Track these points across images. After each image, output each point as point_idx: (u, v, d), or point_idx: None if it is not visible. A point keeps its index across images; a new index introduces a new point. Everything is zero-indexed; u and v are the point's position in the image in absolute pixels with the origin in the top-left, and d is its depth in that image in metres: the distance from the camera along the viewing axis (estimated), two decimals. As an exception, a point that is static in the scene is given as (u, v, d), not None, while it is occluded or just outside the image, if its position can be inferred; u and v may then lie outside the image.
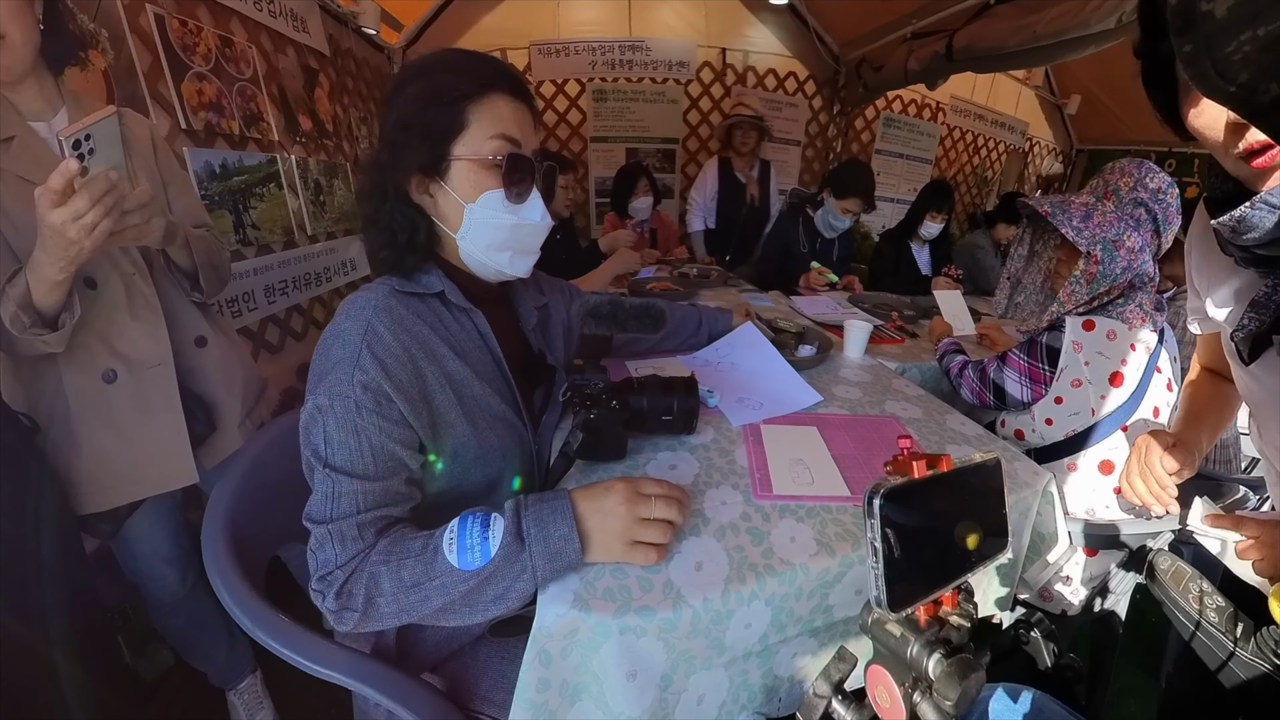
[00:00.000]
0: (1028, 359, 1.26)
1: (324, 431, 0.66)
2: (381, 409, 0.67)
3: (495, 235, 0.77)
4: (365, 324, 0.69)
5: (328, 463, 0.66)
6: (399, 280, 0.76)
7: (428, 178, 0.75)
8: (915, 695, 0.41)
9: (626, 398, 0.85)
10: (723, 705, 0.70)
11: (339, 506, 0.66)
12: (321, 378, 0.68)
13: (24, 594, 0.88)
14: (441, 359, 0.75)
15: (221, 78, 1.86)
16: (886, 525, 0.39)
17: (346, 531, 0.66)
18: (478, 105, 0.73)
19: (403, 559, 0.64)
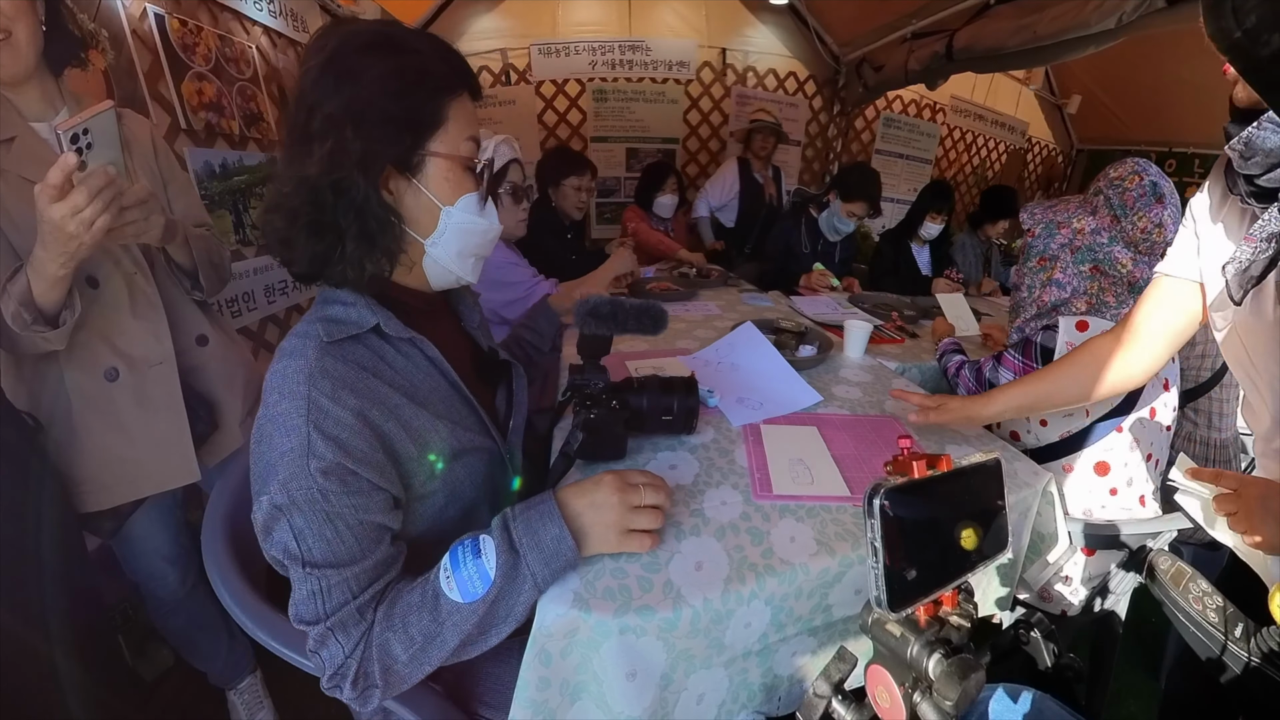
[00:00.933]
0: (1022, 359, 1.26)
1: (291, 530, 0.58)
2: (349, 486, 0.59)
3: (468, 241, 0.72)
4: (304, 401, 0.59)
5: (306, 561, 0.59)
6: (324, 327, 0.64)
7: (397, 172, 0.66)
8: (915, 695, 0.41)
9: (626, 397, 0.85)
10: (722, 704, 0.70)
11: (330, 600, 0.60)
12: (271, 472, 0.58)
13: (24, 593, 0.88)
14: (396, 409, 0.65)
15: (221, 78, 1.86)
16: (886, 525, 0.39)
17: (347, 621, 0.60)
18: (455, 101, 0.68)
19: (406, 617, 0.61)
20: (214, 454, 1.18)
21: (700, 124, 4.15)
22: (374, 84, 0.62)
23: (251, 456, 0.62)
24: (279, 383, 0.61)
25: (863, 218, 2.38)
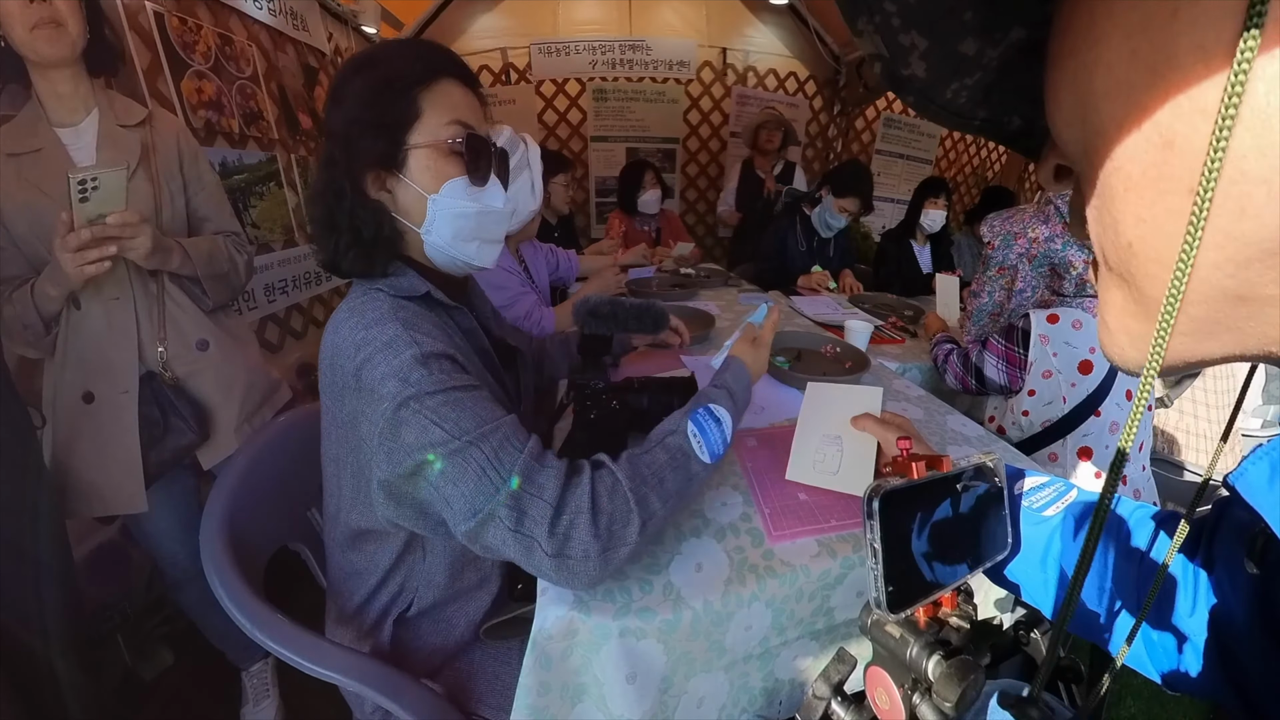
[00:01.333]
0: (1005, 343, 1.30)
1: (429, 415, 0.58)
2: (459, 370, 0.63)
3: (461, 225, 0.73)
4: (394, 320, 0.64)
5: (461, 434, 0.58)
6: (387, 286, 0.71)
7: (385, 172, 0.71)
8: (915, 697, 0.41)
9: (626, 397, 0.85)
10: (723, 708, 0.70)
11: (504, 459, 0.58)
12: (385, 380, 0.60)
13: (18, 591, 0.88)
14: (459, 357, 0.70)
15: (221, 76, 1.86)
16: (886, 527, 0.39)
17: (531, 468, 0.58)
18: (429, 92, 0.70)
19: (661, 474, 0.63)
20: (211, 457, 1.18)
21: (700, 124, 4.14)
22: (353, 100, 0.69)
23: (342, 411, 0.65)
24: (356, 320, 0.64)
25: (855, 214, 2.37)
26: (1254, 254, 0.16)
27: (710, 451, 0.67)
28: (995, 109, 0.26)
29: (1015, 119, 0.26)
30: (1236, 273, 0.17)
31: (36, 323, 1.01)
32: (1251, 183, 0.15)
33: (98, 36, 1.05)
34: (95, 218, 0.93)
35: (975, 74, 0.25)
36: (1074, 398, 1.21)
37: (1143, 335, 0.21)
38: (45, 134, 1.02)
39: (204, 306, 1.17)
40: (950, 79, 0.25)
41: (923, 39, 0.23)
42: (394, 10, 3.10)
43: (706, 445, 0.67)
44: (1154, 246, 0.19)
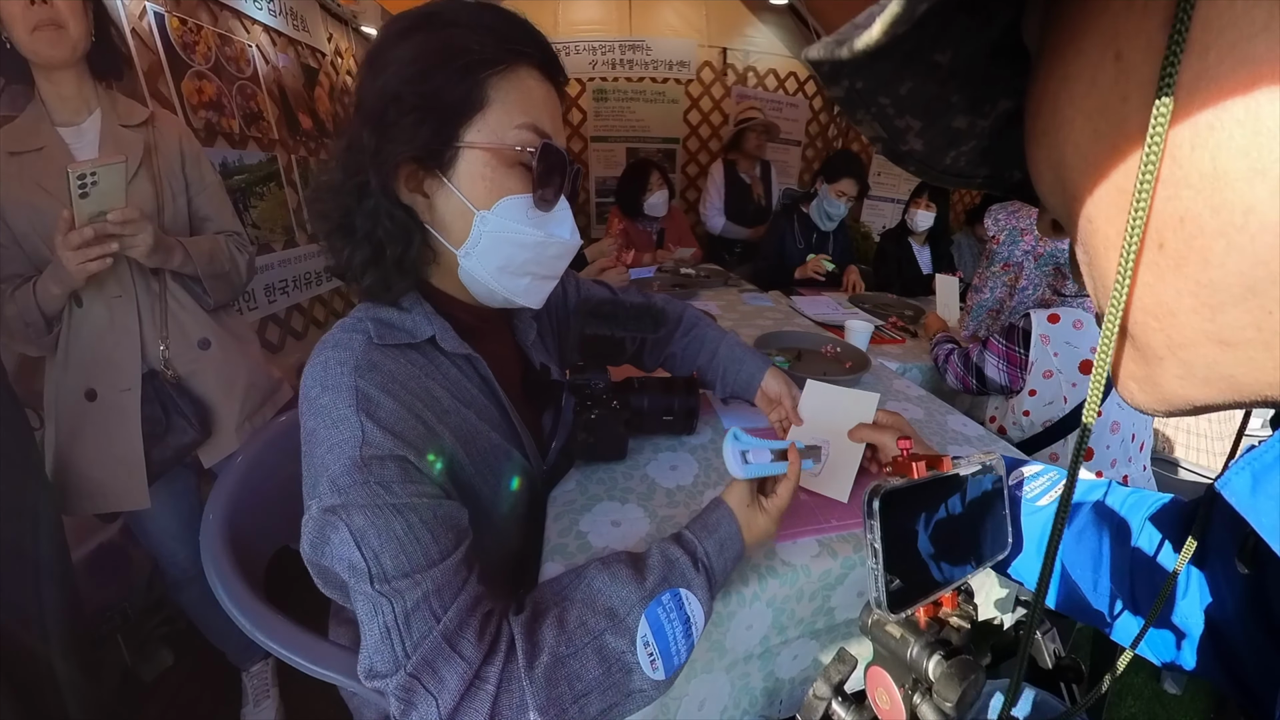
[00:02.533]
0: (1006, 343, 1.30)
1: (351, 535, 0.48)
2: (410, 475, 0.51)
3: (512, 255, 0.59)
4: (351, 391, 0.52)
5: (374, 575, 0.48)
6: (375, 327, 0.57)
7: (424, 170, 0.57)
8: (915, 697, 0.41)
9: (627, 397, 0.84)
10: (724, 710, 0.70)
11: (415, 629, 0.47)
12: (319, 474, 0.51)
13: (18, 592, 0.88)
14: (446, 411, 0.60)
15: (221, 76, 1.86)
16: (886, 527, 0.39)
17: (434, 658, 0.47)
18: (503, 79, 0.55)
19: (583, 695, 0.48)
20: (211, 456, 1.19)
21: (700, 124, 4.14)
22: (398, 70, 0.54)
23: (303, 466, 0.54)
24: (319, 375, 0.54)
25: (853, 197, 2.36)
26: (1225, 300, 0.18)
27: (666, 664, 0.51)
28: (995, 167, 0.28)
29: (1016, 172, 0.28)
30: (1214, 318, 0.18)
31: (39, 320, 1.02)
32: (1209, 237, 0.17)
33: (103, 39, 1.06)
34: (96, 214, 0.93)
35: (970, 142, 0.27)
36: (1075, 397, 1.21)
37: (1146, 377, 0.23)
38: (48, 133, 1.03)
39: (205, 305, 1.18)
40: (947, 149, 0.27)
41: (917, 120, 0.24)
42: (394, 10, 3.10)
43: (662, 657, 0.51)
44: (1139, 301, 0.20)
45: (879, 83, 0.22)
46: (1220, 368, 0.19)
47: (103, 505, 1.11)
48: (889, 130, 0.25)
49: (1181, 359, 0.20)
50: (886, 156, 0.27)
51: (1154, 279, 0.19)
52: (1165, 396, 0.22)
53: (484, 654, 0.48)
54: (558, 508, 0.76)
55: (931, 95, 0.24)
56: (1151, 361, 0.22)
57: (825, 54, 0.19)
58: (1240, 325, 0.18)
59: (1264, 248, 0.16)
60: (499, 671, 0.48)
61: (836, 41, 0.19)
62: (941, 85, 0.23)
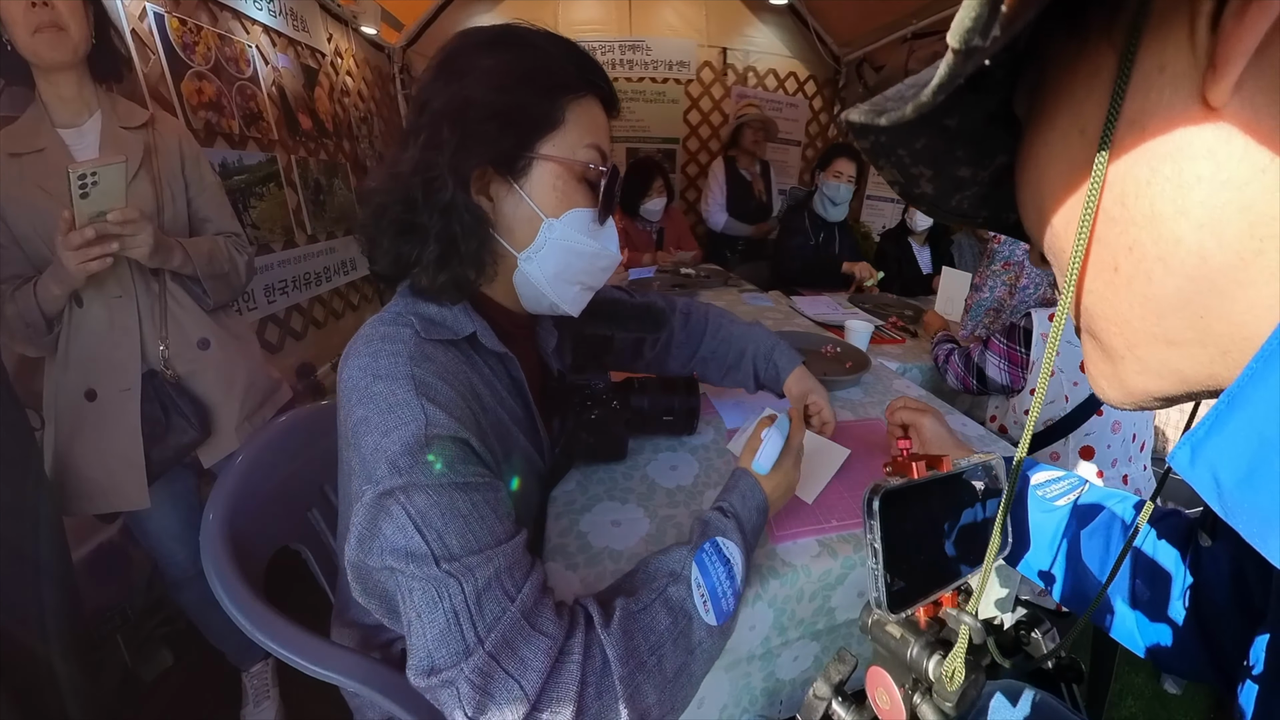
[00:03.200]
0: (1007, 343, 1.30)
1: (410, 517, 0.47)
2: (470, 457, 0.52)
3: (570, 263, 0.63)
4: (409, 379, 0.52)
5: (442, 556, 0.46)
6: (420, 322, 0.58)
7: (497, 175, 0.59)
8: (915, 697, 0.41)
9: (627, 398, 0.84)
10: (724, 709, 0.70)
11: (487, 610, 0.45)
12: (374, 461, 0.49)
13: (18, 593, 0.88)
14: (485, 409, 0.60)
15: (221, 77, 1.86)
16: (886, 526, 0.39)
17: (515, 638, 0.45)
18: (577, 104, 0.60)
19: (658, 648, 0.49)
20: (211, 455, 1.19)
21: (700, 124, 4.14)
22: (482, 79, 0.57)
23: (343, 466, 0.54)
24: (370, 364, 0.53)
25: (851, 176, 2.36)
26: (1165, 309, 0.23)
27: (717, 610, 0.53)
28: (993, 210, 0.34)
29: (1011, 215, 0.33)
30: (1159, 323, 0.23)
31: (39, 321, 1.02)
32: (1151, 261, 0.22)
33: (103, 42, 1.06)
34: (96, 215, 0.93)
35: (972, 189, 0.32)
36: (1076, 396, 1.21)
37: (1111, 375, 0.27)
38: (48, 135, 1.03)
39: (205, 306, 1.18)
40: (953, 194, 0.32)
41: (928, 169, 0.30)
42: (394, 11, 3.10)
43: (713, 601, 0.53)
44: (1101, 311, 0.26)
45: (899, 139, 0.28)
46: (1170, 363, 0.24)
47: (102, 505, 1.11)
48: (905, 176, 0.30)
49: (1138, 356, 0.25)
50: (902, 197, 0.32)
51: (1111, 294, 0.24)
52: (1129, 390, 0.27)
53: (565, 630, 0.47)
54: (558, 508, 0.76)
55: (941, 150, 0.29)
56: (1115, 360, 0.26)
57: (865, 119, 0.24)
58: (1180, 328, 0.23)
59: (1191, 268, 0.21)
60: (581, 642, 0.47)
61: (875, 111, 0.24)
62: (949, 143, 0.29)
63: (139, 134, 1.11)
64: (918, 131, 0.27)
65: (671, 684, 0.49)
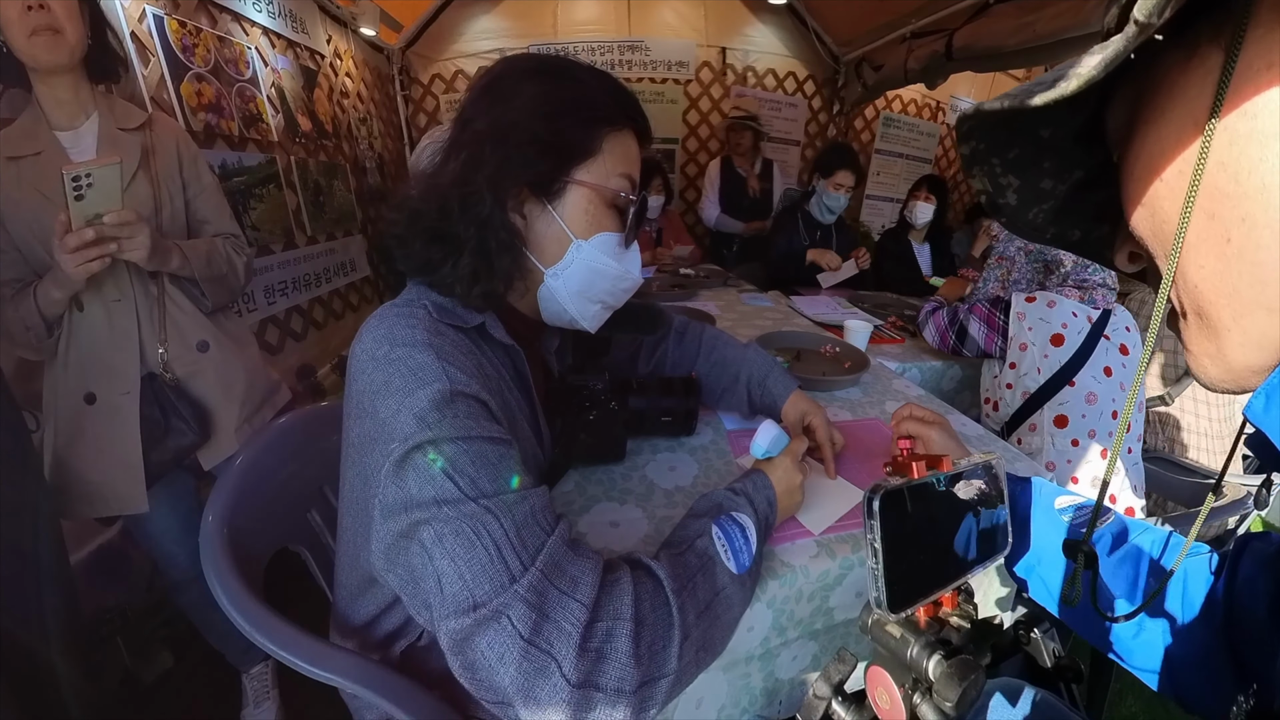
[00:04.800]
0: (989, 308, 1.42)
1: (442, 462, 0.48)
2: (492, 416, 0.54)
3: (595, 283, 0.67)
4: (428, 346, 0.54)
5: (476, 495, 0.47)
6: (433, 307, 0.60)
7: (532, 195, 0.63)
8: (915, 696, 0.41)
9: (626, 398, 0.84)
10: (722, 709, 0.70)
11: (529, 541, 0.47)
12: (395, 421, 0.50)
13: (18, 594, 0.88)
14: (495, 392, 0.61)
15: (220, 79, 1.86)
16: (886, 526, 0.39)
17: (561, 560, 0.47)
18: (614, 135, 0.64)
19: (692, 578, 0.52)
20: (211, 458, 1.19)
21: (700, 124, 4.14)
22: (526, 104, 0.61)
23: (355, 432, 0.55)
24: (388, 334, 0.55)
25: (850, 188, 2.38)
26: (1271, 276, 0.26)
27: (737, 561, 0.56)
28: (1061, 226, 0.39)
29: (1076, 232, 0.39)
30: (1264, 291, 0.26)
31: (39, 325, 1.02)
32: (1260, 230, 0.26)
33: (99, 42, 1.05)
34: (92, 216, 0.93)
35: (1049, 202, 0.37)
36: (1047, 368, 1.31)
37: (1215, 353, 0.30)
38: (45, 137, 1.03)
39: (203, 308, 1.18)
40: (1032, 205, 0.37)
41: (1015, 179, 0.35)
42: (393, 11, 3.10)
43: (733, 553, 0.56)
44: (1211, 284, 0.28)
45: (995, 146, 0.32)
46: (1270, 333, 0.27)
47: (102, 509, 1.11)
48: (994, 185, 0.35)
49: (1243, 328, 0.28)
50: (986, 208, 0.37)
51: (1223, 266, 0.27)
52: (1230, 365, 0.30)
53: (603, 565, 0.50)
54: (556, 508, 0.76)
55: (1030, 160, 0.34)
56: (1220, 335, 0.29)
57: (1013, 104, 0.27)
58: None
59: None
60: (628, 569, 0.50)
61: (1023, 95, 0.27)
62: (1039, 153, 0.33)
63: (136, 135, 1.10)
64: (1013, 140, 0.32)
65: (704, 615, 0.51)
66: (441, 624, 0.45)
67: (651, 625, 0.46)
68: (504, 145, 0.60)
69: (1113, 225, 0.37)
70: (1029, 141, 0.32)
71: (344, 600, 0.77)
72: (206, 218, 1.21)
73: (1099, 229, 0.39)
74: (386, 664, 0.74)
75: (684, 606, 0.49)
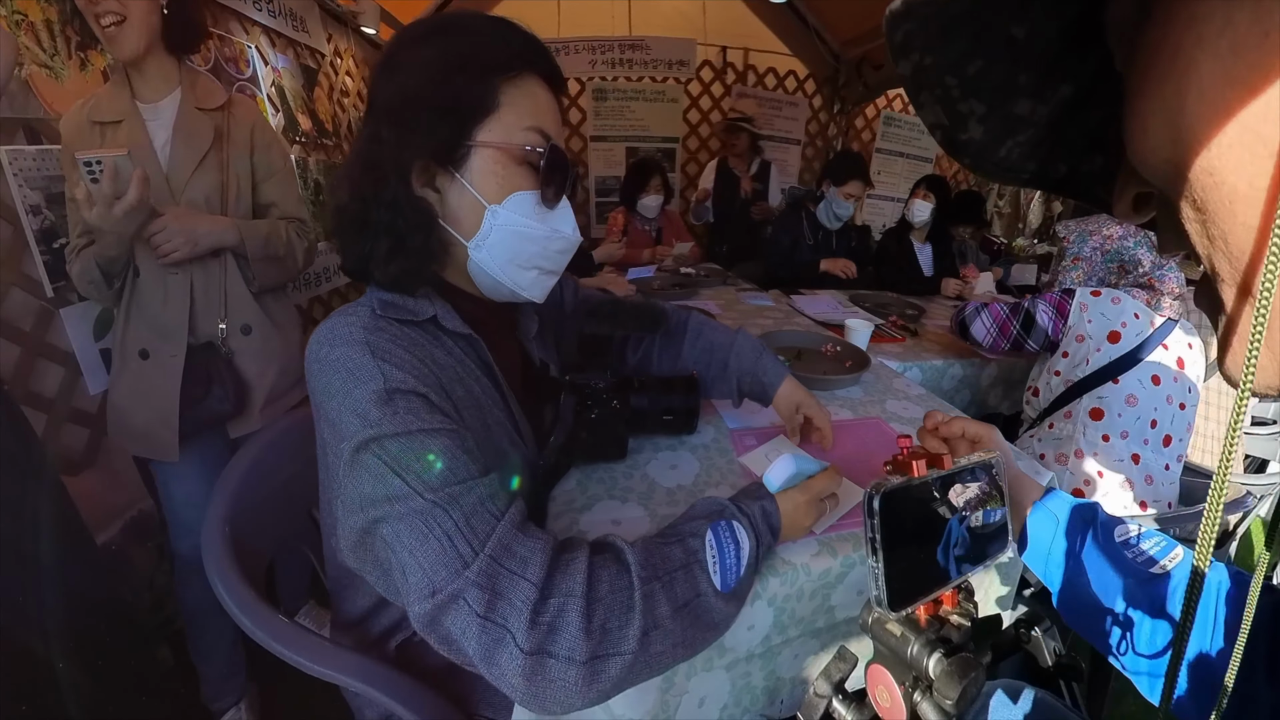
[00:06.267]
0: (1060, 294, 1.40)
1: (388, 463, 0.49)
2: (433, 409, 0.54)
3: (522, 248, 0.63)
4: (364, 345, 0.54)
5: (423, 490, 0.49)
6: (379, 304, 0.60)
7: (438, 167, 0.60)
8: (916, 694, 0.41)
9: (627, 397, 0.84)
10: (724, 707, 0.70)
11: (478, 528, 0.48)
12: (344, 418, 0.52)
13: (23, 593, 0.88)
14: (451, 380, 0.61)
15: (220, 77, 1.86)
16: (886, 525, 0.39)
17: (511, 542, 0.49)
18: (513, 85, 0.60)
19: (671, 573, 0.52)
20: (236, 429, 1.24)
21: (700, 123, 4.15)
22: (417, 72, 0.58)
23: (319, 434, 0.56)
24: (328, 337, 0.56)
25: (859, 197, 2.39)
26: None
27: (722, 577, 0.55)
28: (1043, 160, 0.29)
29: (1061, 167, 0.29)
30: None
31: (100, 279, 1.09)
32: None
33: (178, 14, 1.06)
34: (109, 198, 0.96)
35: (1027, 131, 0.27)
36: (1096, 362, 1.31)
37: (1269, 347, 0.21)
38: (128, 107, 1.07)
39: (251, 289, 1.21)
40: (1004, 139, 0.27)
41: (980, 105, 0.25)
42: (393, 11, 3.10)
43: (720, 567, 0.55)
44: None
45: (949, 60, 0.23)
46: None
47: (140, 450, 1.19)
48: (951, 116, 0.25)
49: None
50: (944, 147, 0.27)
51: None
52: None
53: (556, 545, 0.51)
54: (558, 507, 0.76)
55: (1000, 76, 0.24)
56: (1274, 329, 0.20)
57: None
58: None
59: None
60: (587, 551, 0.52)
61: None
62: (1011, 65, 0.24)
63: (213, 117, 1.14)
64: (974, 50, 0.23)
65: (680, 614, 0.51)
66: (410, 609, 0.48)
67: (607, 604, 0.48)
68: (400, 119, 0.58)
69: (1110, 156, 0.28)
70: (996, 47, 0.23)
71: (337, 597, 0.78)
72: (274, 200, 1.24)
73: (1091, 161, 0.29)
74: (385, 660, 0.74)
75: (652, 595, 0.50)
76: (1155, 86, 0.21)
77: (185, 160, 1.12)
